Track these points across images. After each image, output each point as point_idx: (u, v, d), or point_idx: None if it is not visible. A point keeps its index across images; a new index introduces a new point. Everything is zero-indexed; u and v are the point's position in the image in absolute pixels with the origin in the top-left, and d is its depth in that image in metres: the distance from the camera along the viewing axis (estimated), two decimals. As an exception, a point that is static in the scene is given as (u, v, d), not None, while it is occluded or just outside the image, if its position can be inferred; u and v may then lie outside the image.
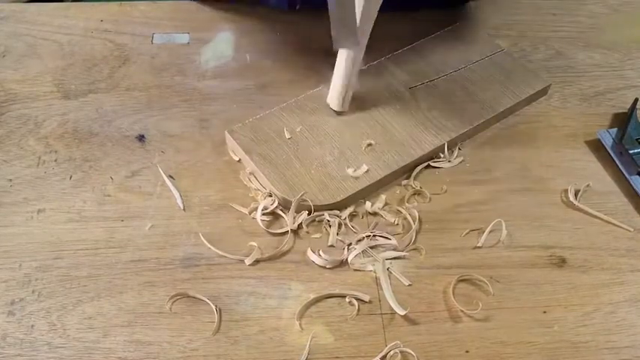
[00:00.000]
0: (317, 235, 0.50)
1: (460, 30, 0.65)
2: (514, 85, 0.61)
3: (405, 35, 0.66)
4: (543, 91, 0.62)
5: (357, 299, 0.46)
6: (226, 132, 0.55)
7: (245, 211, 0.51)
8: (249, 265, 0.48)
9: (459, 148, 0.57)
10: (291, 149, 0.55)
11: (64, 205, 0.52)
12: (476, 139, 0.58)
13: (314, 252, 0.49)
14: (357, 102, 0.57)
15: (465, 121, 0.58)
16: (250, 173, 0.54)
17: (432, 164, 0.56)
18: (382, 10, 0.53)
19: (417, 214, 0.51)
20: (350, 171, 0.53)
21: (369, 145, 0.55)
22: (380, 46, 0.63)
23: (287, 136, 0.55)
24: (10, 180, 0.53)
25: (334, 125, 0.56)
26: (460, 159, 0.56)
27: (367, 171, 0.53)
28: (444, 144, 0.56)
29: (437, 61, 0.63)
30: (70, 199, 0.52)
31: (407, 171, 0.55)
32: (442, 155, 0.56)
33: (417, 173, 0.55)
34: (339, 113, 0.57)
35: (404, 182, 0.54)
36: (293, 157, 0.54)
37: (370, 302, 0.46)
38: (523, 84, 0.61)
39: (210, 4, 0.71)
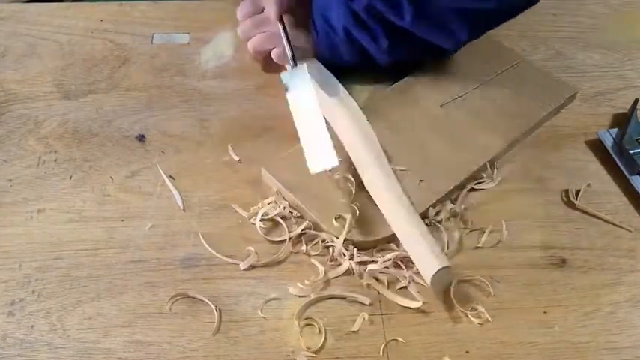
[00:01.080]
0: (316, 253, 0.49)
1: (478, 42, 0.64)
2: (542, 95, 0.60)
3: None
4: (571, 99, 0.61)
5: (357, 302, 0.46)
6: (263, 169, 0.52)
7: (245, 214, 0.51)
8: (243, 269, 0.48)
9: (496, 167, 0.56)
10: (333, 182, 0.51)
11: (64, 205, 0.52)
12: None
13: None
14: (389, 124, 0.56)
15: (502, 137, 0.56)
16: (292, 208, 0.51)
17: (476, 187, 0.54)
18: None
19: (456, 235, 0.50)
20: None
21: (404, 170, 0.52)
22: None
23: (327, 172, 0.51)
24: (10, 180, 0.53)
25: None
26: (500, 178, 0.55)
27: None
28: (486, 164, 0.54)
29: (460, 75, 0.61)
30: (70, 199, 0.52)
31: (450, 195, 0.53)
32: (484, 175, 0.54)
33: (464, 197, 0.53)
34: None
35: (450, 207, 0.52)
36: (336, 188, 0.51)
37: (371, 304, 0.46)
38: (551, 93, 0.60)
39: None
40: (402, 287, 0.47)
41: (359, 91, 0.59)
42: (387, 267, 0.48)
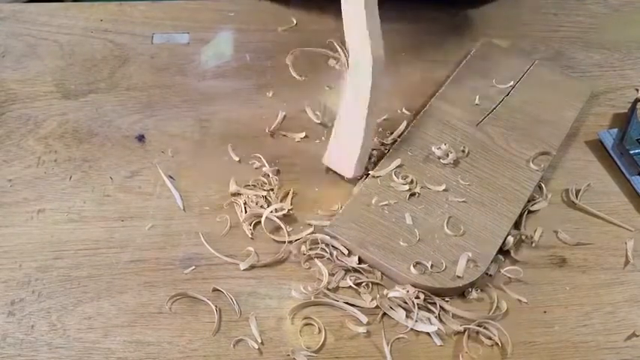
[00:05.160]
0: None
1: (486, 50, 0.64)
2: (567, 96, 0.59)
3: (405, 33, 0.67)
4: (592, 96, 0.61)
5: (355, 318, 0.45)
6: (325, 229, 0.49)
7: (243, 216, 0.51)
8: (243, 270, 0.48)
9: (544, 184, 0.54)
10: (404, 228, 0.49)
11: (64, 205, 0.52)
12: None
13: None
14: (433, 155, 0.54)
15: (546, 147, 0.55)
16: (362, 262, 0.48)
17: (532, 209, 0.52)
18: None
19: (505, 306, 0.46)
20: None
21: (462, 202, 0.51)
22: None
23: (390, 217, 0.50)
24: (10, 180, 0.53)
25: (429, 189, 0.52)
26: (551, 194, 0.54)
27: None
28: (540, 179, 0.53)
29: (483, 89, 0.60)
30: (70, 199, 0.52)
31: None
32: (537, 196, 0.53)
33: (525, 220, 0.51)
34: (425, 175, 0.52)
35: (513, 232, 0.50)
36: (409, 236, 0.48)
37: (369, 324, 0.45)
38: (574, 93, 0.60)
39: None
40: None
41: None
42: (412, 302, 0.45)
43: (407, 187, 0.51)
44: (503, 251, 0.49)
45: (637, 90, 0.63)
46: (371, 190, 0.51)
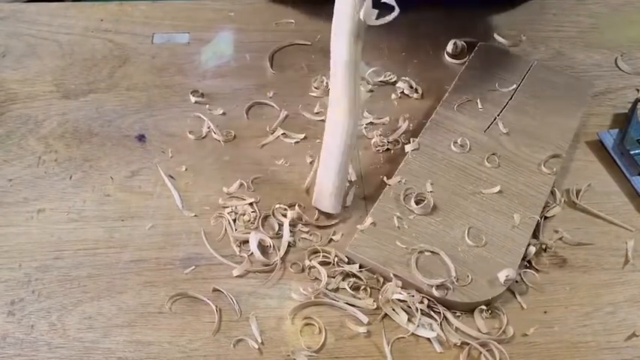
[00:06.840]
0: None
1: (486, 51, 0.64)
2: (569, 97, 0.59)
3: (405, 33, 0.67)
4: (592, 96, 0.61)
5: (355, 318, 0.45)
6: (347, 249, 0.48)
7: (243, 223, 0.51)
8: (236, 276, 0.47)
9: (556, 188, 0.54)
10: (426, 242, 0.48)
11: (64, 205, 0.52)
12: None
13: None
14: (446, 163, 0.53)
15: (555, 149, 0.55)
16: (387, 280, 0.47)
17: (547, 215, 0.52)
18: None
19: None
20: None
21: (482, 211, 0.50)
22: (382, 46, 0.63)
23: (410, 232, 0.49)
24: (10, 180, 0.53)
25: (445, 200, 0.51)
26: (565, 198, 0.54)
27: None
28: (553, 184, 0.53)
29: (485, 93, 0.59)
30: (70, 199, 0.52)
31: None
32: (550, 202, 0.52)
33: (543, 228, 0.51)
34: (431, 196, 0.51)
35: (533, 242, 0.50)
36: (432, 250, 0.48)
37: (369, 324, 0.45)
38: (575, 93, 0.60)
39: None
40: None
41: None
42: (415, 306, 0.45)
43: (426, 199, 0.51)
44: (522, 259, 0.48)
45: (637, 90, 0.63)
46: (387, 205, 0.51)
